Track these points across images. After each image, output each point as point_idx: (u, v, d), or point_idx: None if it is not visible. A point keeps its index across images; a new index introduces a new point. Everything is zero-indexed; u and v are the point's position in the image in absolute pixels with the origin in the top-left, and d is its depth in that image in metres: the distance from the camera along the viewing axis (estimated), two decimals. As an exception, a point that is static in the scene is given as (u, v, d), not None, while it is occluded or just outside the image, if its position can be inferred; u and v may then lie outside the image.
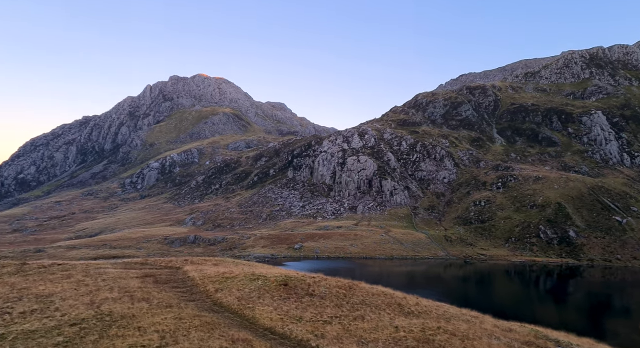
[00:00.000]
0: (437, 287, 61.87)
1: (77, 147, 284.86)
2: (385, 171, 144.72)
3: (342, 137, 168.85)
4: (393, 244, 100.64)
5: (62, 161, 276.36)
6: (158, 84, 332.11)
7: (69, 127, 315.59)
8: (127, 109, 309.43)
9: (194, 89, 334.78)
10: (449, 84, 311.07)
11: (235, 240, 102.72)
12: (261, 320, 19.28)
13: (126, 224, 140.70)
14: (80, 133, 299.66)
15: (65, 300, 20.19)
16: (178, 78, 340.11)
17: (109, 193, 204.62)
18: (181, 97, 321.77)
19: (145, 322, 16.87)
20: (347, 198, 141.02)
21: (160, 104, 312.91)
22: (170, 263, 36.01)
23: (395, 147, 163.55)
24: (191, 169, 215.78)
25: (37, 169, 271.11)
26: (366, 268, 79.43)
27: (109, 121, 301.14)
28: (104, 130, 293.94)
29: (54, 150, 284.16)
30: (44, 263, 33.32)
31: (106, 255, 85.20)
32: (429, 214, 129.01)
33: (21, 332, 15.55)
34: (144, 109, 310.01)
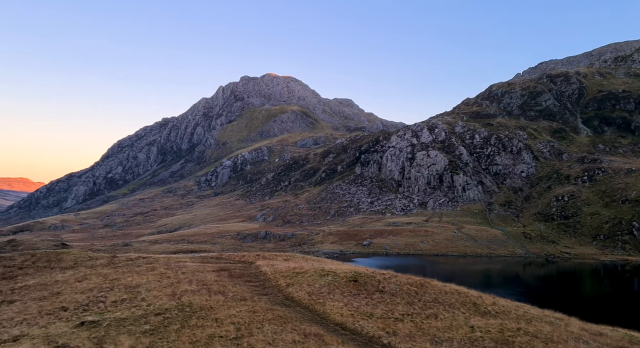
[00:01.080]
0: (515, 287, 58.67)
1: (157, 147, 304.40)
2: (457, 166, 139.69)
3: (411, 131, 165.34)
4: (466, 241, 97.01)
5: (145, 161, 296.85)
6: (230, 85, 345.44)
7: (150, 128, 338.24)
8: (202, 110, 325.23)
9: (263, 88, 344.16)
10: (527, 73, 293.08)
11: (304, 236, 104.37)
12: (332, 316, 19.30)
13: (202, 220, 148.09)
14: (160, 134, 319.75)
15: (150, 291, 21.53)
16: (248, 78, 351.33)
17: (186, 190, 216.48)
18: (251, 97, 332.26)
19: (222, 314, 17.51)
20: (417, 194, 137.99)
21: (232, 104, 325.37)
22: (244, 258, 37.26)
23: (467, 141, 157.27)
24: (261, 166, 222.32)
25: (124, 168, 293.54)
26: (438, 265, 77.24)
27: (185, 122, 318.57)
28: (181, 131, 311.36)
29: (138, 151, 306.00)
30: (131, 256, 35.92)
31: (185, 250, 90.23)
32: (505, 210, 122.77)
33: (113, 319, 16.79)
34: (217, 110, 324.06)
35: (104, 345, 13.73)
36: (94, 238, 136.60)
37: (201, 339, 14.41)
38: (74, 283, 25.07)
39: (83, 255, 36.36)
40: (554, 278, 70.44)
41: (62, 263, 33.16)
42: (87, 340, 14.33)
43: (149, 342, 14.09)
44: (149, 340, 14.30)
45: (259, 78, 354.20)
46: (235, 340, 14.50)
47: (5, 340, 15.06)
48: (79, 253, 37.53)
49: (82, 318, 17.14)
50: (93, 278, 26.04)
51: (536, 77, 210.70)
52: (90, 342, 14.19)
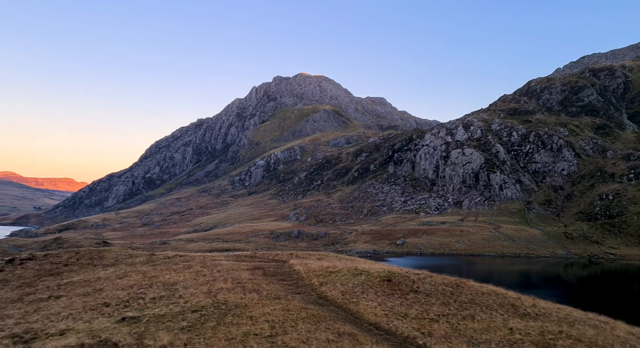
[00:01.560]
0: (556, 288, 56.70)
1: (192, 147, 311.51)
2: (494, 164, 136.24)
3: (445, 129, 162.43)
4: (504, 241, 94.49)
5: (181, 161, 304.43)
6: (263, 85, 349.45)
7: (185, 129, 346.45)
8: (235, 111, 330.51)
9: (295, 88, 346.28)
10: (568, 67, 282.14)
11: (337, 235, 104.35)
12: (365, 315, 19.18)
13: (236, 219, 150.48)
14: (195, 135, 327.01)
15: (187, 289, 22.03)
16: (281, 78, 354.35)
17: (221, 190, 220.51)
18: (284, 97, 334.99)
19: (257, 312, 17.71)
20: (452, 193, 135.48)
21: (264, 104, 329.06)
22: (277, 257, 37.58)
23: (504, 138, 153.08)
24: (294, 166, 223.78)
25: (161, 168, 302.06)
26: (474, 266, 75.59)
27: (219, 123, 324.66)
28: (215, 132, 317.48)
29: (174, 151, 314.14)
30: (168, 254, 36.88)
31: (219, 248, 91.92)
32: (545, 209, 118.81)
33: (152, 315, 17.27)
34: (250, 110, 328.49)
35: (144, 341, 14.13)
36: (133, 236, 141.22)
37: (236, 336, 14.62)
38: (115, 280, 25.97)
39: (123, 252, 37.61)
40: (598, 280, 67.63)
41: (104, 260, 34.41)
42: (128, 335, 14.79)
43: (186, 338, 14.40)
44: (187, 336, 14.62)
45: (291, 78, 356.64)
46: (270, 338, 14.63)
47: (53, 333, 15.76)
48: (120, 251, 38.85)
49: (123, 314, 17.71)
50: (133, 276, 26.88)
51: (578, 71, 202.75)
52: (131, 337, 14.64)
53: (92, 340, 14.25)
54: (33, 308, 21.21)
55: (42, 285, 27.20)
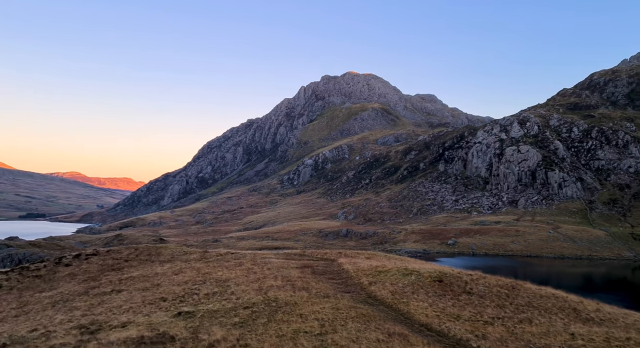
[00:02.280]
0: (623, 292, 53.20)
1: (243, 147, 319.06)
2: (552, 161, 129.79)
3: (499, 126, 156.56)
4: (563, 242, 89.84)
5: (232, 161, 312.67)
6: (311, 85, 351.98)
7: (236, 130, 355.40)
8: (284, 110, 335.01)
9: (343, 86, 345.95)
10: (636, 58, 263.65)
11: (386, 235, 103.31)
12: (416, 316, 18.82)
13: (285, 218, 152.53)
14: (245, 135, 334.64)
15: (239, 285, 22.55)
16: (329, 77, 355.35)
17: (270, 189, 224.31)
18: (332, 96, 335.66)
19: (306, 309, 17.83)
20: (506, 192, 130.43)
21: (313, 103, 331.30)
22: (326, 256, 37.68)
23: (564, 134, 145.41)
24: (342, 164, 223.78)
25: (213, 168, 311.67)
26: (531, 267, 72.39)
27: (268, 123, 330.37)
28: (265, 131, 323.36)
29: (225, 151, 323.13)
30: (220, 252, 37.92)
31: (269, 246, 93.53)
32: (610, 209, 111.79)
33: (206, 311, 17.82)
34: (299, 110, 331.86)
35: (199, 335, 14.60)
36: (187, 234, 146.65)
37: (287, 334, 14.78)
38: (171, 276, 27.03)
39: (178, 249, 39.09)
40: (670, 286, 62.84)
41: (160, 256, 35.93)
42: (184, 329, 15.34)
43: (238, 333, 14.73)
44: (239, 332, 14.95)
45: (339, 77, 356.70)
46: (320, 336, 14.67)
47: (116, 325, 16.65)
48: (175, 248, 40.41)
49: (179, 309, 18.39)
50: (187, 272, 27.86)
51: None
52: (187, 331, 15.18)
53: (151, 333, 14.90)
54: (97, 301, 22.50)
55: (105, 279, 28.79)
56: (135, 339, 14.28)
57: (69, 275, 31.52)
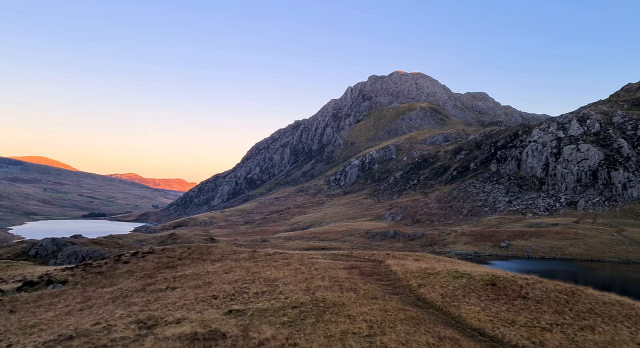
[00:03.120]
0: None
1: (290, 148, 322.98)
2: (616, 160, 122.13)
3: (557, 123, 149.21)
4: (628, 246, 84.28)
5: (279, 162, 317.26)
6: (358, 85, 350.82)
7: (283, 131, 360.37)
8: (331, 111, 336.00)
9: (391, 86, 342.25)
10: None
11: (435, 236, 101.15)
12: (468, 320, 18.26)
13: (332, 218, 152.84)
14: (293, 136, 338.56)
15: (287, 285, 22.80)
16: (376, 77, 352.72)
17: (317, 190, 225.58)
18: (379, 96, 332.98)
19: (354, 311, 17.74)
20: (564, 193, 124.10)
21: (359, 103, 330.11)
22: (373, 257, 37.38)
23: (629, 132, 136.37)
24: (389, 165, 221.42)
25: (261, 169, 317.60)
26: (592, 272, 68.45)
27: (315, 124, 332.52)
28: (312, 132, 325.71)
29: (273, 153, 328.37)
30: (269, 251, 38.53)
31: (316, 247, 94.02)
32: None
33: (256, 309, 18.15)
34: (345, 110, 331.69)
35: (249, 333, 14.88)
36: (236, 233, 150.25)
37: (335, 334, 14.77)
38: (222, 275, 27.76)
39: (228, 249, 40.10)
40: None
41: (211, 255, 37.01)
42: (235, 327, 15.69)
43: (287, 333, 14.88)
44: (288, 331, 15.11)
45: (386, 76, 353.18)
46: (368, 337, 14.55)
47: (171, 321, 17.31)
48: (225, 247, 41.49)
49: (230, 307, 18.84)
50: (237, 271, 28.51)
51: None
52: (237, 328, 15.51)
53: (204, 329, 15.36)
54: (153, 297, 23.49)
55: (161, 276, 30.01)
56: (189, 335, 14.77)
57: (127, 272, 33.14)
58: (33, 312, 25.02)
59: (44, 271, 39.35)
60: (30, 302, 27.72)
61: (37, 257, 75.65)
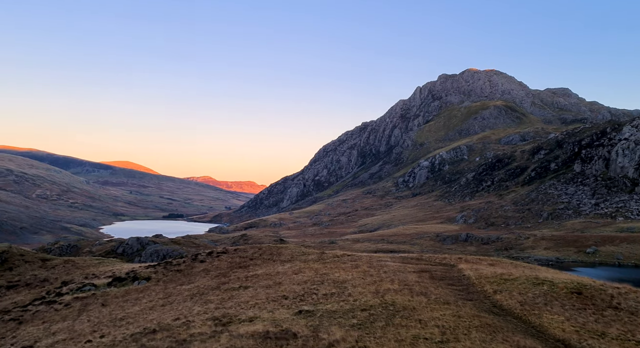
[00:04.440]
0: None
1: (357, 150, 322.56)
2: None
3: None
4: None
5: (346, 164, 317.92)
6: (427, 85, 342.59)
7: (350, 133, 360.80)
8: (399, 112, 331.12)
9: (462, 85, 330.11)
10: None
11: (511, 240, 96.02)
12: (550, 330, 17.08)
13: (400, 221, 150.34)
14: (360, 138, 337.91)
15: (355, 287, 22.70)
16: (446, 76, 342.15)
17: (385, 191, 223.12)
18: (449, 95, 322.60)
19: (425, 315, 17.26)
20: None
21: (429, 103, 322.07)
22: (444, 261, 36.19)
23: None
24: (460, 166, 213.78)
25: (328, 171, 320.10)
26: (695, 283, 61.30)
27: (383, 125, 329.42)
28: (379, 134, 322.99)
29: (340, 155, 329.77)
30: (337, 253, 38.64)
31: (384, 249, 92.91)
32: None
33: (325, 311, 18.25)
34: (414, 111, 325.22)
35: (319, 334, 14.98)
36: (305, 235, 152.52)
37: (406, 338, 14.44)
38: (291, 275, 28.25)
39: (297, 250, 40.74)
40: None
41: (281, 256, 37.79)
42: (305, 327, 15.88)
43: (357, 335, 14.79)
44: (357, 333, 15.01)
45: (457, 75, 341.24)
46: (441, 343, 14.07)
47: (244, 319, 17.90)
48: (294, 248, 42.21)
49: (300, 307, 19.10)
50: (306, 272, 28.86)
51: None
52: (308, 329, 15.68)
53: (275, 328, 15.71)
54: (228, 295, 24.43)
55: (234, 275, 31.15)
56: (261, 333, 15.17)
57: (203, 271, 34.78)
58: (121, 306, 27.05)
59: (130, 268, 42.42)
60: (118, 297, 29.99)
61: (124, 254, 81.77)
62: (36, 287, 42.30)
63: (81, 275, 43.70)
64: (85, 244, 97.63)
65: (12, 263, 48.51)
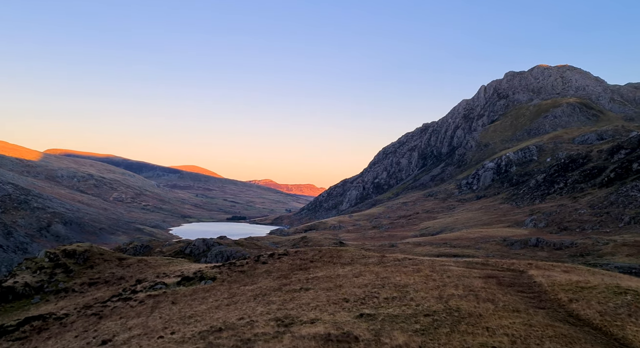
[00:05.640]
0: None
1: (418, 152, 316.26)
2: None
3: None
4: None
5: (407, 166, 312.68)
6: (492, 83, 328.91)
7: (411, 134, 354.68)
8: (462, 112, 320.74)
9: (531, 82, 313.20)
10: None
11: (587, 246, 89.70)
12: (636, 343, 15.67)
13: (463, 224, 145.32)
14: (421, 139, 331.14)
15: (418, 292, 22.17)
16: (514, 74, 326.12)
17: (447, 194, 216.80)
18: (517, 93, 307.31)
19: (493, 323, 16.48)
20: None
21: (494, 103, 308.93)
22: (513, 266, 34.44)
23: None
24: (529, 167, 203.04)
25: (388, 173, 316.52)
26: None
27: (445, 126, 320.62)
28: (441, 135, 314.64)
29: (400, 157, 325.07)
30: (398, 257, 38.02)
31: (447, 253, 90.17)
32: None
33: (386, 315, 17.96)
34: (478, 110, 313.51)
35: (381, 338, 14.76)
36: (364, 238, 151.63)
37: (472, 346, 13.86)
38: (351, 278, 28.13)
39: (357, 253, 40.56)
40: None
41: (341, 259, 37.78)
42: (367, 331, 15.71)
43: (420, 341, 14.40)
44: (421, 339, 14.62)
45: (526, 72, 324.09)
46: (511, 353, 13.37)
47: (305, 321, 18.04)
48: (354, 251, 42.06)
49: (361, 311, 18.95)
50: (367, 275, 28.62)
51: None
52: (369, 333, 15.50)
53: (337, 331, 15.68)
54: (289, 297, 24.76)
55: (295, 277, 31.55)
56: (323, 335, 15.20)
57: (265, 272, 35.56)
58: (190, 304, 28.28)
59: (197, 268, 44.30)
60: (187, 295, 31.39)
61: (191, 255, 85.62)
62: (114, 284, 45.38)
63: (153, 274, 46.29)
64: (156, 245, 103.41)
65: (92, 262, 52.43)
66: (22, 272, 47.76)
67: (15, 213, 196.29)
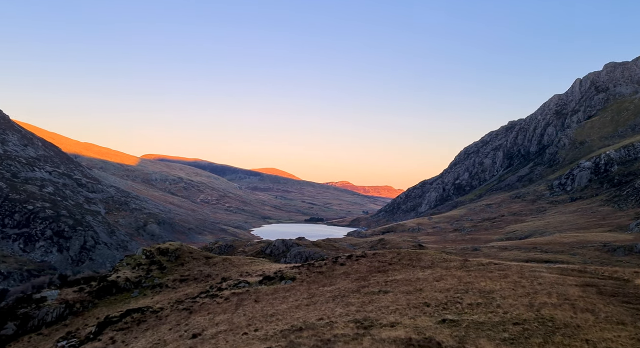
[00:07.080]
0: None
1: (503, 151, 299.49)
2: None
3: None
4: None
5: (490, 166, 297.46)
6: (589, 76, 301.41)
7: (495, 133, 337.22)
8: (553, 108, 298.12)
9: (636, 73, 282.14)
10: None
11: None
12: None
13: (556, 228, 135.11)
14: (506, 138, 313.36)
15: (505, 299, 20.89)
16: (615, 64, 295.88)
17: (536, 195, 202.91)
18: (618, 86, 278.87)
19: (593, 335, 15.05)
20: None
21: (591, 97, 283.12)
22: (616, 274, 31.29)
23: None
24: (634, 166, 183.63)
25: (470, 174, 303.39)
26: None
27: (533, 123, 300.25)
28: (529, 133, 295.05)
29: (483, 157, 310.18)
30: (482, 261, 36.21)
31: (537, 259, 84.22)
32: None
33: (471, 321, 17.11)
34: (572, 106, 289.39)
35: (466, 346, 14.06)
36: (445, 241, 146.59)
37: (570, 361, 12.75)
38: (432, 282, 27.24)
39: (438, 256, 39.24)
40: None
41: (421, 262, 36.78)
42: (450, 337, 15.06)
43: (509, 351, 13.54)
44: (510, 349, 13.73)
45: (630, 62, 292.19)
46: (615, 371, 12.09)
47: (385, 324, 17.74)
48: (435, 254, 40.77)
49: (443, 316, 18.24)
50: (448, 279, 27.56)
51: None
52: (453, 339, 14.84)
53: (418, 336, 15.21)
54: (368, 299, 24.55)
55: (373, 280, 31.25)
56: (403, 340, 14.82)
57: (343, 274, 35.63)
58: (271, 303, 29.12)
59: (278, 268, 45.58)
60: (268, 294, 32.37)
61: (271, 255, 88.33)
62: (202, 281, 48.13)
63: (237, 273, 48.42)
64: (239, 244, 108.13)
65: (183, 260, 56.07)
66: (123, 268, 52.33)
67: (117, 214, 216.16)
